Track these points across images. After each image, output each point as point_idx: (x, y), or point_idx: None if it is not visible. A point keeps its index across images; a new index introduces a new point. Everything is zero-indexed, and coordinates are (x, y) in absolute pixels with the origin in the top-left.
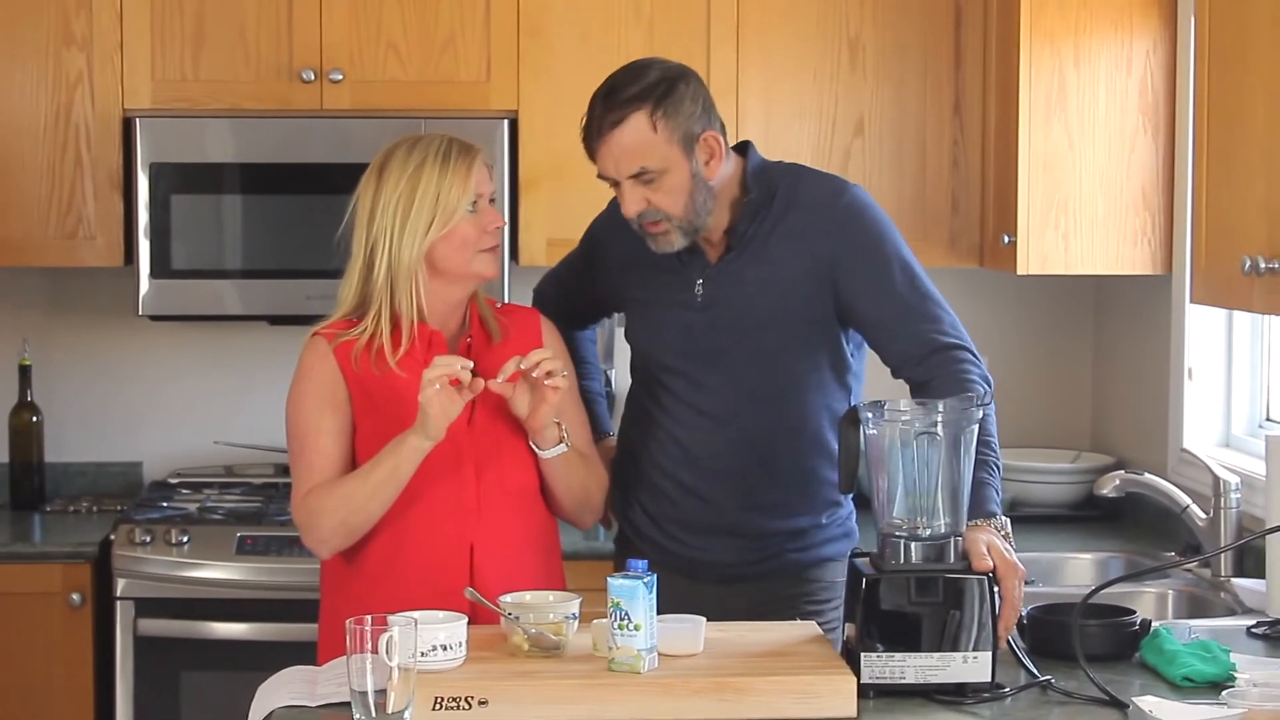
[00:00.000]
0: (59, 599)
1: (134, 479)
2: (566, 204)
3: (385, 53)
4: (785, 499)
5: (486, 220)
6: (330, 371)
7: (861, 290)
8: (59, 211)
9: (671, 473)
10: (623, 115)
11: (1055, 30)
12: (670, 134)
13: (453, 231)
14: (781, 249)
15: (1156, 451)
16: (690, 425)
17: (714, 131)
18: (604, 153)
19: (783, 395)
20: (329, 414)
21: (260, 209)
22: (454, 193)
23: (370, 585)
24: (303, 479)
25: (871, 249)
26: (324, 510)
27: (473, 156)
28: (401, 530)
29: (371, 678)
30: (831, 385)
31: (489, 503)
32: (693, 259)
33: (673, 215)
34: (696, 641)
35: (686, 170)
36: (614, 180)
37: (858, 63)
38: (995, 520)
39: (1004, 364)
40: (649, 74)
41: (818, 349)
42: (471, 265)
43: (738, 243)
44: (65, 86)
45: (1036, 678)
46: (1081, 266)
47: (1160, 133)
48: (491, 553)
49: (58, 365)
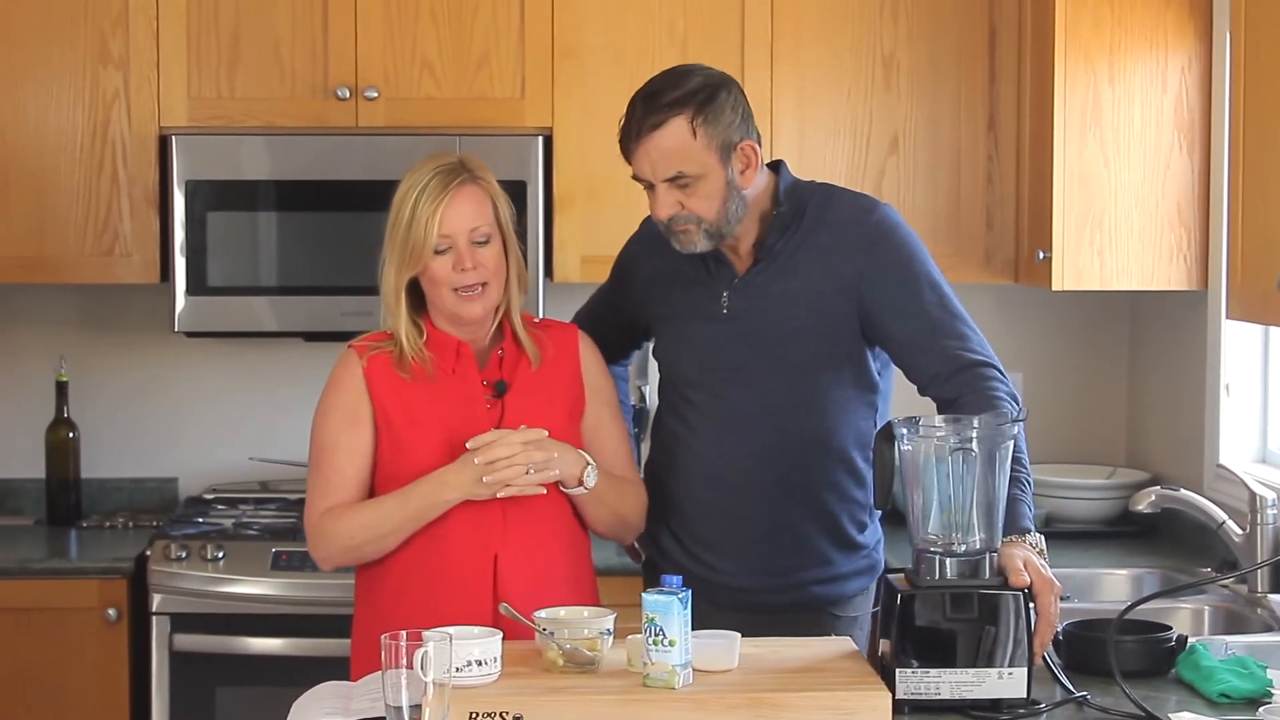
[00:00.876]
0: (95, 614)
1: (170, 495)
2: (601, 221)
3: (420, 70)
4: (807, 517)
5: (456, 261)
6: (356, 386)
7: (889, 307)
8: (95, 229)
9: (695, 490)
10: (663, 119)
11: (1090, 47)
12: (709, 141)
13: (426, 269)
14: (809, 264)
15: (1192, 467)
16: (713, 440)
17: (751, 141)
18: (641, 154)
19: (805, 410)
20: (348, 430)
21: (295, 226)
22: (418, 232)
23: (396, 597)
24: (317, 495)
25: (900, 267)
26: (338, 535)
27: (448, 193)
28: (426, 541)
29: (407, 693)
30: (856, 403)
31: (514, 515)
32: (720, 271)
33: (704, 220)
34: (731, 657)
35: (722, 177)
36: (648, 182)
37: (892, 80)
38: (1029, 536)
39: (1039, 380)
40: (691, 80)
41: (842, 365)
42: (448, 305)
43: (765, 256)
44: (102, 104)
45: (1072, 694)
46: (1117, 282)
47: (1196, 149)
48: (517, 564)
49: (94, 382)
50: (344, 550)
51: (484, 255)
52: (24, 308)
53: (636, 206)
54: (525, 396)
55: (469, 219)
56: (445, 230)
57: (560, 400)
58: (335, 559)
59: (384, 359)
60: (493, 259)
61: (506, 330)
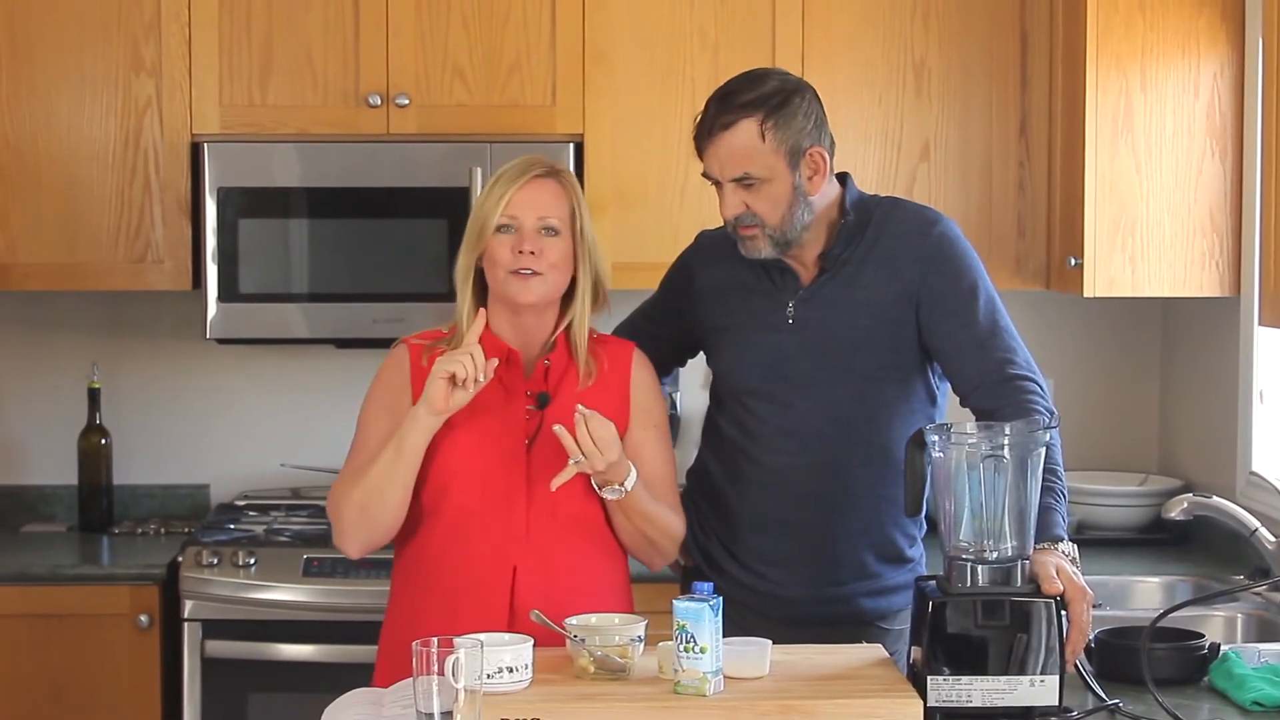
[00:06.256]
0: (127, 620)
1: (201, 501)
2: (633, 227)
3: (451, 77)
4: (862, 529)
5: (517, 241)
6: (400, 380)
7: (944, 316)
8: (128, 236)
9: (753, 499)
10: (734, 119)
11: (1122, 53)
12: (778, 145)
13: (487, 249)
14: (873, 274)
15: (1225, 474)
16: (775, 449)
17: (821, 148)
18: (711, 153)
19: (870, 420)
20: (385, 421)
21: (327, 233)
22: (487, 207)
23: (416, 601)
24: (342, 477)
25: (958, 278)
26: (344, 501)
27: (525, 177)
28: (450, 547)
29: (438, 699)
30: (917, 415)
31: (538, 528)
32: (785, 281)
33: (768, 223)
34: (762, 664)
35: (789, 182)
36: (716, 180)
37: (923, 86)
38: (1062, 544)
39: (1071, 386)
40: (766, 83)
41: (906, 376)
42: (502, 286)
43: (831, 266)
44: (134, 112)
45: (1104, 702)
46: (1149, 289)
47: (1228, 155)
48: (535, 578)
49: (126, 388)
50: (354, 518)
51: (549, 246)
52: (57, 315)
53: (669, 213)
54: (567, 412)
55: (539, 206)
56: (513, 210)
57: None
58: (350, 533)
59: (436, 357)
60: (557, 253)
61: (561, 342)
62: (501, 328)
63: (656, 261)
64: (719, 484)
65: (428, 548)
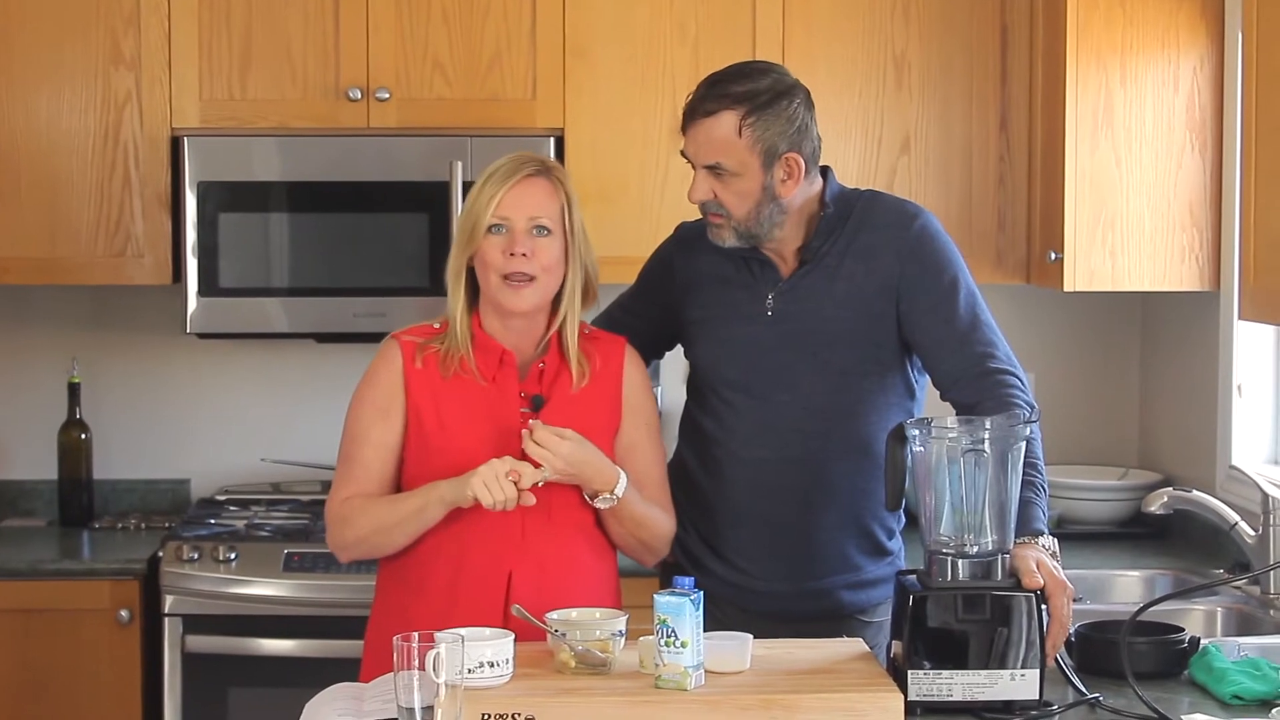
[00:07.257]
0: (107, 615)
1: (182, 496)
2: (613, 222)
3: (431, 71)
4: (841, 522)
5: (508, 243)
6: (393, 380)
7: (924, 309)
8: (108, 230)
9: (730, 493)
10: (717, 109)
11: (1101, 47)
12: (754, 143)
13: (478, 250)
14: (853, 267)
15: (1205, 468)
16: (753, 443)
17: (798, 155)
18: (691, 135)
19: (848, 414)
20: (379, 423)
21: (307, 227)
22: (478, 207)
23: (410, 601)
24: (341, 484)
25: (938, 271)
26: (352, 523)
27: (516, 176)
28: (445, 548)
29: (419, 694)
30: (895, 409)
31: (533, 533)
32: (764, 274)
33: (733, 215)
34: (743, 659)
35: (759, 181)
36: (691, 162)
37: (903, 81)
38: (1042, 538)
39: (1051, 381)
40: (760, 79)
41: (886, 370)
42: (494, 292)
43: (811, 258)
44: (114, 106)
45: (1085, 695)
46: (1129, 283)
47: (1208, 149)
48: (529, 583)
49: (106, 383)
50: (355, 540)
51: (541, 246)
52: (36, 309)
53: (649, 207)
54: (561, 413)
55: (531, 206)
56: (504, 211)
57: (596, 420)
58: (349, 549)
59: (429, 357)
60: (550, 254)
61: (554, 343)
62: (494, 328)
63: (637, 255)
64: (697, 478)
65: (421, 550)
